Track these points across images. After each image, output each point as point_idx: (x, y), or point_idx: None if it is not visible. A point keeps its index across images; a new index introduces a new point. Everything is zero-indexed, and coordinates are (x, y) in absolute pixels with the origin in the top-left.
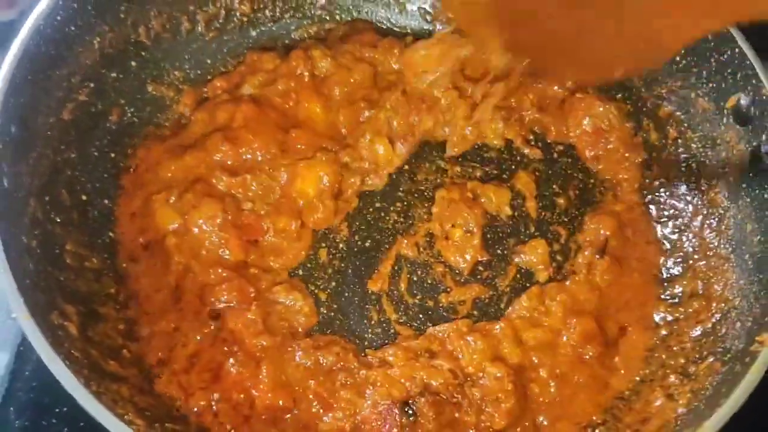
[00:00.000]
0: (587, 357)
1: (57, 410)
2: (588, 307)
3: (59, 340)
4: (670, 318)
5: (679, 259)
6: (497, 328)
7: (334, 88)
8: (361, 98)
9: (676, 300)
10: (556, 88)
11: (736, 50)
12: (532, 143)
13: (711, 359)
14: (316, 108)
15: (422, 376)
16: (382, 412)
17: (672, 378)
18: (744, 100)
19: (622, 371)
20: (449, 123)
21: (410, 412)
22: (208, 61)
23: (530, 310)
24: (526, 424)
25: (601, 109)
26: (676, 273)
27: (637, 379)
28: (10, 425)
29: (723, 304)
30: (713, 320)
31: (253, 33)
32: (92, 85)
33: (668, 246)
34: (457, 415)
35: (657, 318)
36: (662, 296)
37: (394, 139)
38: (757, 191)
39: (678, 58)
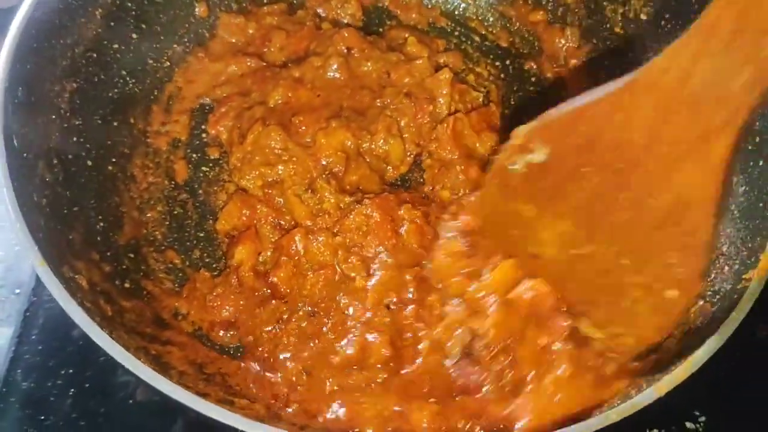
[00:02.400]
0: None
1: (62, 372)
2: None
3: (71, 290)
4: None
5: None
6: None
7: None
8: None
9: None
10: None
11: None
12: None
13: (701, 302)
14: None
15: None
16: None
17: None
18: None
19: None
20: None
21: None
22: (206, 35)
23: None
24: None
25: None
26: None
27: None
28: (17, 386)
29: (712, 255)
30: None
31: None
32: (95, 55)
33: None
34: None
35: None
36: None
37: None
38: (741, 145)
39: (663, 22)
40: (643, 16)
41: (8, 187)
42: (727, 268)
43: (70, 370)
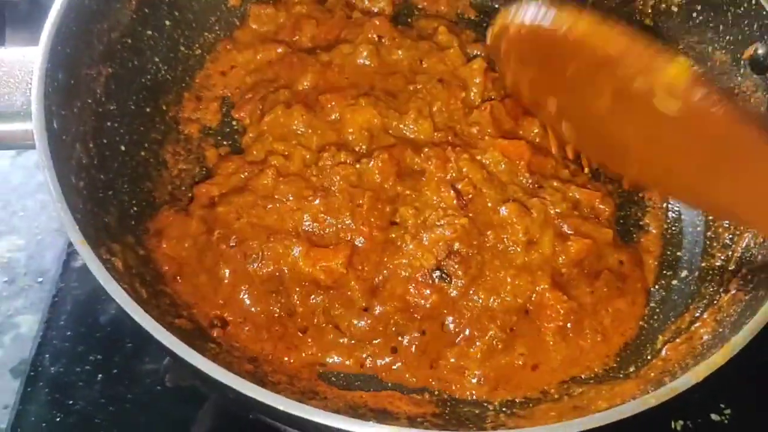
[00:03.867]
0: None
1: (91, 358)
2: None
3: (109, 270)
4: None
5: None
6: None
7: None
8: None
9: None
10: None
11: (753, 1)
12: None
13: (734, 291)
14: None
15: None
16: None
17: (696, 310)
18: (761, 50)
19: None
20: None
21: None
22: (237, 23)
23: None
24: None
25: None
26: None
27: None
28: (46, 371)
29: (743, 243)
30: (734, 258)
31: None
32: (130, 41)
33: None
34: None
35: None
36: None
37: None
38: None
39: (694, 14)
40: (674, 8)
41: (49, 168)
42: (760, 257)
43: (98, 356)
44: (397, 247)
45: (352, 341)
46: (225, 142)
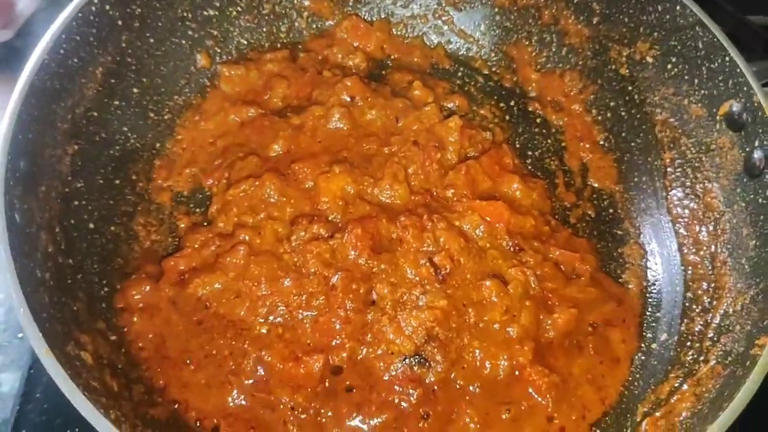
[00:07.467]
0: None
1: (68, 431)
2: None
3: (77, 370)
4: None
5: None
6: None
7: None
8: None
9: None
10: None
11: (727, 58)
12: None
13: (713, 362)
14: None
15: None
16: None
17: (676, 380)
18: (736, 107)
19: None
20: None
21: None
22: (207, 84)
23: None
24: None
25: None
26: None
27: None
28: None
29: (722, 309)
30: (713, 325)
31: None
32: (96, 114)
33: None
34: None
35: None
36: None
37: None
38: (752, 196)
39: (669, 66)
40: (649, 59)
41: (11, 271)
42: (738, 327)
43: (76, 429)
44: (374, 332)
45: None
46: (198, 210)
